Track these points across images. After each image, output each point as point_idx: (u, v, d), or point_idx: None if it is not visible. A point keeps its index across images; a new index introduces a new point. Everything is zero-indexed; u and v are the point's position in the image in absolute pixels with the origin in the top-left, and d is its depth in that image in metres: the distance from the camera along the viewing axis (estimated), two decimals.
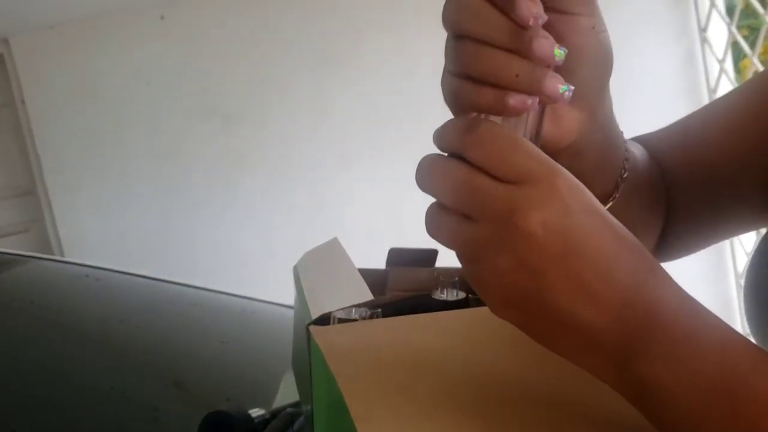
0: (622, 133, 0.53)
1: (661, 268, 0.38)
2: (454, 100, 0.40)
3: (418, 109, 2.70)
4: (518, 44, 0.37)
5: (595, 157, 0.48)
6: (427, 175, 0.39)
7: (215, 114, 3.10)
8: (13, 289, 1.32)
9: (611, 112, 0.49)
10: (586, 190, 0.38)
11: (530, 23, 0.36)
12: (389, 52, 3.03)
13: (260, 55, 3.06)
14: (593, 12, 0.41)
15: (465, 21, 0.37)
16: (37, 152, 3.23)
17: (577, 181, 0.37)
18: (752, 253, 0.55)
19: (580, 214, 0.36)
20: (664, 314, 0.36)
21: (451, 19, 0.38)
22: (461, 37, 0.38)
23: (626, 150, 0.53)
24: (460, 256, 0.39)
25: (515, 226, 0.36)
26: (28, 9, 2.89)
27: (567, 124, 0.45)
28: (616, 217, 0.39)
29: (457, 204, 0.38)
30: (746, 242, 2.62)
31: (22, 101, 3.21)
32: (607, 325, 0.36)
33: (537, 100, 0.38)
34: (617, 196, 0.52)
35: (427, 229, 0.39)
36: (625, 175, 0.52)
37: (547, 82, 0.37)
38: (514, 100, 0.37)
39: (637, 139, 0.63)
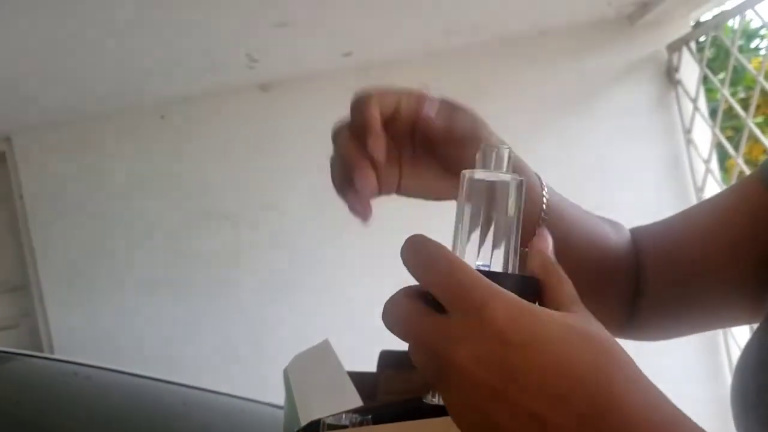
0: (540, 178, 0.56)
1: (636, 384, 0.36)
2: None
3: (416, 207, 2.74)
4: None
5: None
6: (384, 312, 0.39)
7: (213, 213, 3.13)
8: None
9: None
10: (535, 312, 0.36)
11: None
12: None
13: (259, 154, 3.12)
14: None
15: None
16: (33, 247, 3.23)
17: (522, 305, 0.36)
18: (738, 360, 0.55)
19: (519, 343, 0.34)
20: None
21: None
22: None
23: (543, 190, 0.55)
24: None
25: (446, 360, 0.35)
26: (31, 109, 2.96)
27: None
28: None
29: (404, 339, 0.38)
30: (740, 340, 2.61)
31: (20, 197, 3.24)
32: None
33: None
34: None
35: None
36: (544, 216, 0.54)
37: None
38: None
39: (632, 229, 0.66)
